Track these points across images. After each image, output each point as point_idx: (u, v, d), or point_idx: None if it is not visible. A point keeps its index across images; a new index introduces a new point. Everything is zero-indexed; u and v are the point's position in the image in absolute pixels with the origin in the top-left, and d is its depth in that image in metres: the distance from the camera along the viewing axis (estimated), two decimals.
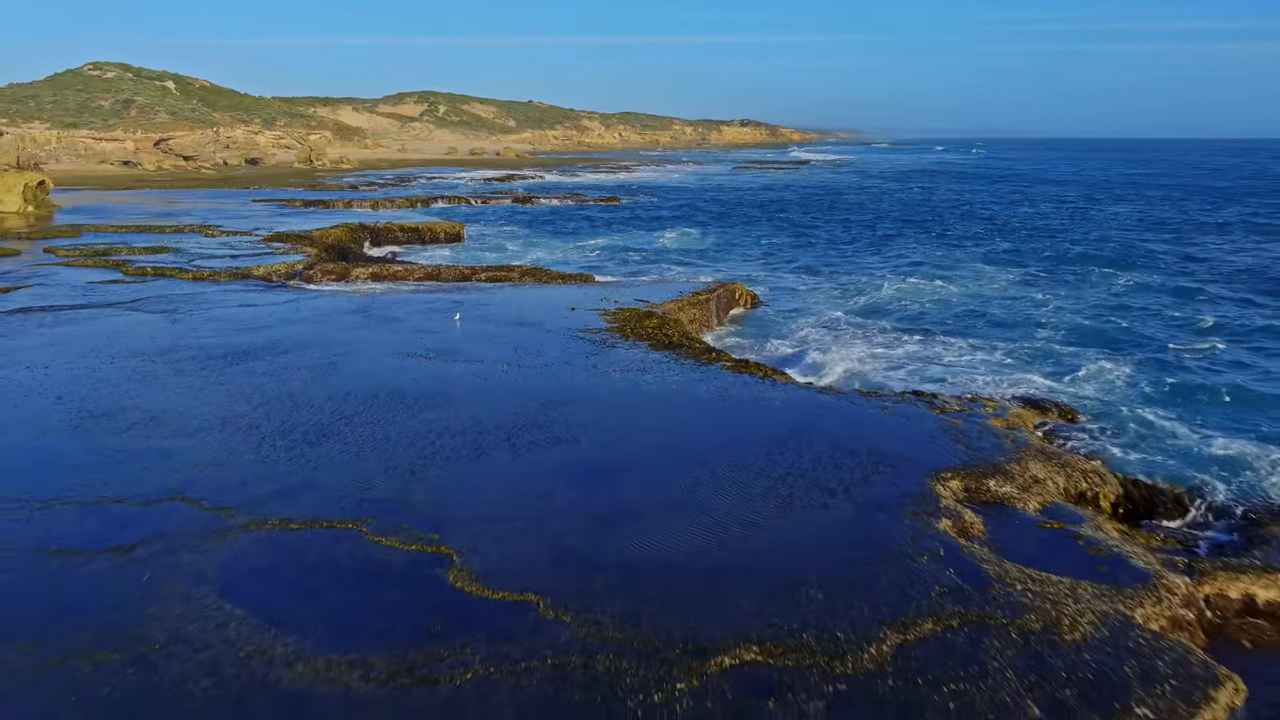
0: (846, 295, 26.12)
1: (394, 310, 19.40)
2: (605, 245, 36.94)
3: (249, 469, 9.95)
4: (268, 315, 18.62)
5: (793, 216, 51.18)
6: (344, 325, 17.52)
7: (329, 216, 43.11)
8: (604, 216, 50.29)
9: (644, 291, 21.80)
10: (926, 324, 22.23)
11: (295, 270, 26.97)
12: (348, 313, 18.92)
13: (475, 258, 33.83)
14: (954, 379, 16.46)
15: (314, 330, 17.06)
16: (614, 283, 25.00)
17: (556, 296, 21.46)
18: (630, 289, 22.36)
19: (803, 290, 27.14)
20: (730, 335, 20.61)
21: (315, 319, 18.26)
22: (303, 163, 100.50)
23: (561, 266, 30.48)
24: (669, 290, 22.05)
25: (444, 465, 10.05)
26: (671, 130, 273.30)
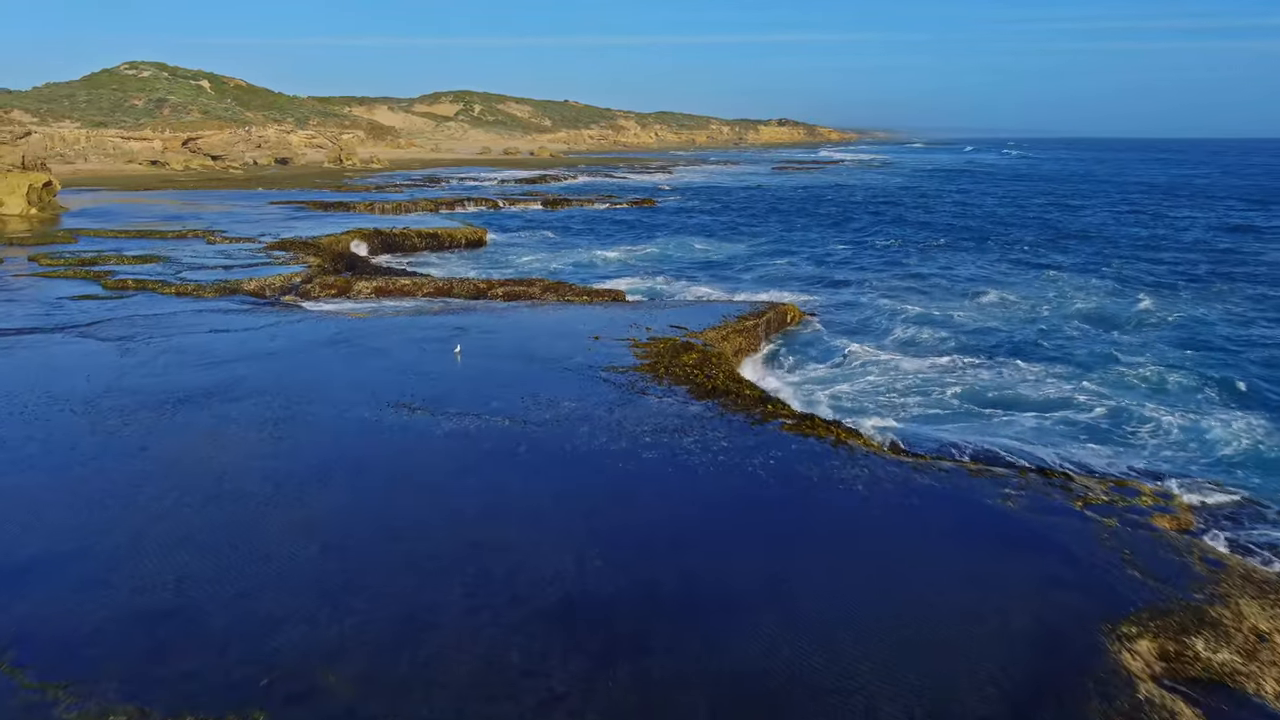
0: (910, 313, 22.80)
1: (387, 339, 16.45)
2: (638, 254, 33.84)
3: (103, 622, 6.96)
4: (236, 345, 15.75)
5: (839, 221, 47.72)
6: (320, 360, 14.58)
7: (345, 221, 40.47)
8: (638, 221, 47.23)
9: (681, 315, 18.64)
10: (1008, 349, 18.89)
11: (291, 284, 24.21)
12: (331, 342, 16.00)
13: (495, 267, 30.95)
14: (1064, 433, 13.15)
15: (282, 368, 14.15)
16: (646, 302, 21.90)
17: (579, 320, 18.38)
18: (664, 311, 19.21)
19: (860, 305, 23.87)
20: (781, 363, 17.41)
21: (290, 351, 15.35)
22: (332, 162, 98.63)
23: (588, 278, 27.45)
24: (709, 313, 18.87)
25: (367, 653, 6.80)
26: (708, 130, 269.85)
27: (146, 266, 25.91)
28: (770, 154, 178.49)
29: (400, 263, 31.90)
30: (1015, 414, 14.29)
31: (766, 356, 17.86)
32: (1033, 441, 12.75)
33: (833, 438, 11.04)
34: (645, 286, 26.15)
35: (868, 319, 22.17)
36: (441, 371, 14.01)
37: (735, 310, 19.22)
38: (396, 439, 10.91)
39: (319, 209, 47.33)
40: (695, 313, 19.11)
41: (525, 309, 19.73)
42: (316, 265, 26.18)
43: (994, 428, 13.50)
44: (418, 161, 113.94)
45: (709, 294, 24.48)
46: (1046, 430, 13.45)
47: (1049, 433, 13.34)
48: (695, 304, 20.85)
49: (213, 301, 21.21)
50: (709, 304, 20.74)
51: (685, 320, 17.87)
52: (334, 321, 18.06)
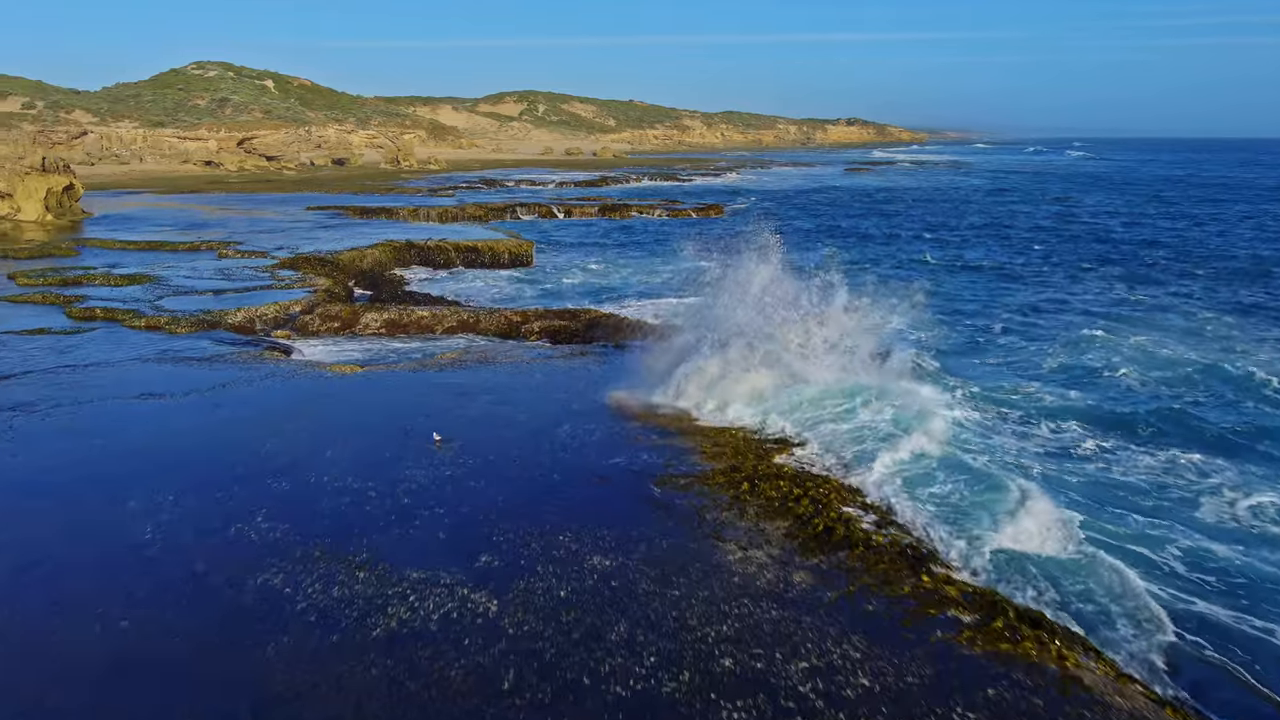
0: (1054, 360, 17.67)
1: (366, 412, 12.09)
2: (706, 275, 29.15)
3: None
4: (154, 424, 11.54)
5: (931, 231, 42.28)
6: (243, 466, 10.18)
7: (380, 230, 36.61)
8: (705, 231, 42.48)
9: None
10: (1205, 431, 13.71)
11: (288, 314, 20.14)
12: (283, 421, 11.65)
13: (538, 287, 26.55)
14: None
15: (181, 483, 9.80)
16: None
17: None
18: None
19: (995, 348, 18.81)
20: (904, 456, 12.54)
21: (211, 440, 11.02)
22: (389, 163, 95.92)
23: (644, 305, 22.87)
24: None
25: None
26: (775, 129, 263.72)
27: (128, 289, 22.12)
28: (841, 154, 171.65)
29: (435, 278, 27.74)
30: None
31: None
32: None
33: (1054, 668, 6.26)
34: None
35: (1007, 371, 17.14)
36: (412, 482, 9.54)
37: (841, 383, 14.48)
38: (308, 648, 6.47)
39: (357, 215, 43.68)
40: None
41: (560, 361, 15.18)
42: (324, 289, 22.08)
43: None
44: (477, 162, 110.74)
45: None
46: None
47: None
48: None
49: (182, 340, 17.19)
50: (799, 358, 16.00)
51: (770, 393, 13.14)
52: (309, 379, 13.75)
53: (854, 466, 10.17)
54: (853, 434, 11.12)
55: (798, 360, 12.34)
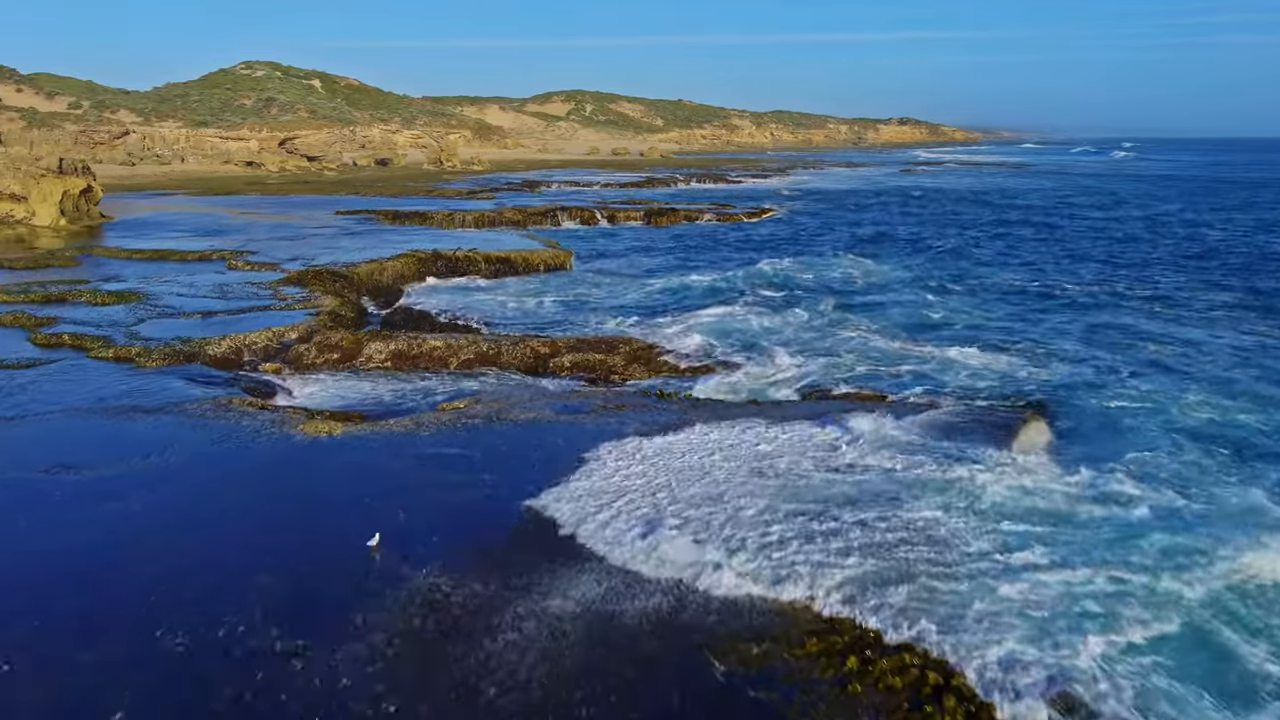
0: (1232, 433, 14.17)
1: (318, 514, 9.19)
2: (759, 285, 25.88)
3: None
4: (10, 532, 8.74)
5: (1018, 244, 38.45)
6: (95, 609, 7.30)
7: (409, 238, 33.99)
8: (757, 236, 39.24)
9: (877, 451, 10.79)
10: None
11: (281, 343, 17.41)
12: (188, 525, 8.80)
13: (573, 305, 23.49)
14: None
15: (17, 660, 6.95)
16: (792, 402, 14.11)
17: (681, 456, 10.77)
18: (853, 446, 11.33)
19: (1144, 396, 15.30)
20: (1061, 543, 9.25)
21: (63, 573, 8.16)
22: (432, 164, 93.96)
23: (691, 326, 19.73)
24: (915, 434, 11.03)
25: None
26: (826, 129, 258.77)
27: (111, 310, 19.59)
28: (893, 155, 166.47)
29: (462, 290, 24.89)
30: None
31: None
32: None
33: None
34: (776, 345, 18.20)
35: (1162, 430, 13.67)
36: (356, 648, 6.57)
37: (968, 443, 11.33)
38: None
39: (388, 221, 41.16)
40: (896, 432, 11.25)
41: (589, 420, 12.11)
42: (328, 311, 19.33)
43: None
44: (521, 163, 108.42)
45: (896, 376, 16.34)
46: None
47: None
48: (871, 405, 12.82)
49: (147, 378, 14.53)
50: (910, 408, 12.71)
51: (892, 469, 10.01)
52: (271, 446, 10.89)
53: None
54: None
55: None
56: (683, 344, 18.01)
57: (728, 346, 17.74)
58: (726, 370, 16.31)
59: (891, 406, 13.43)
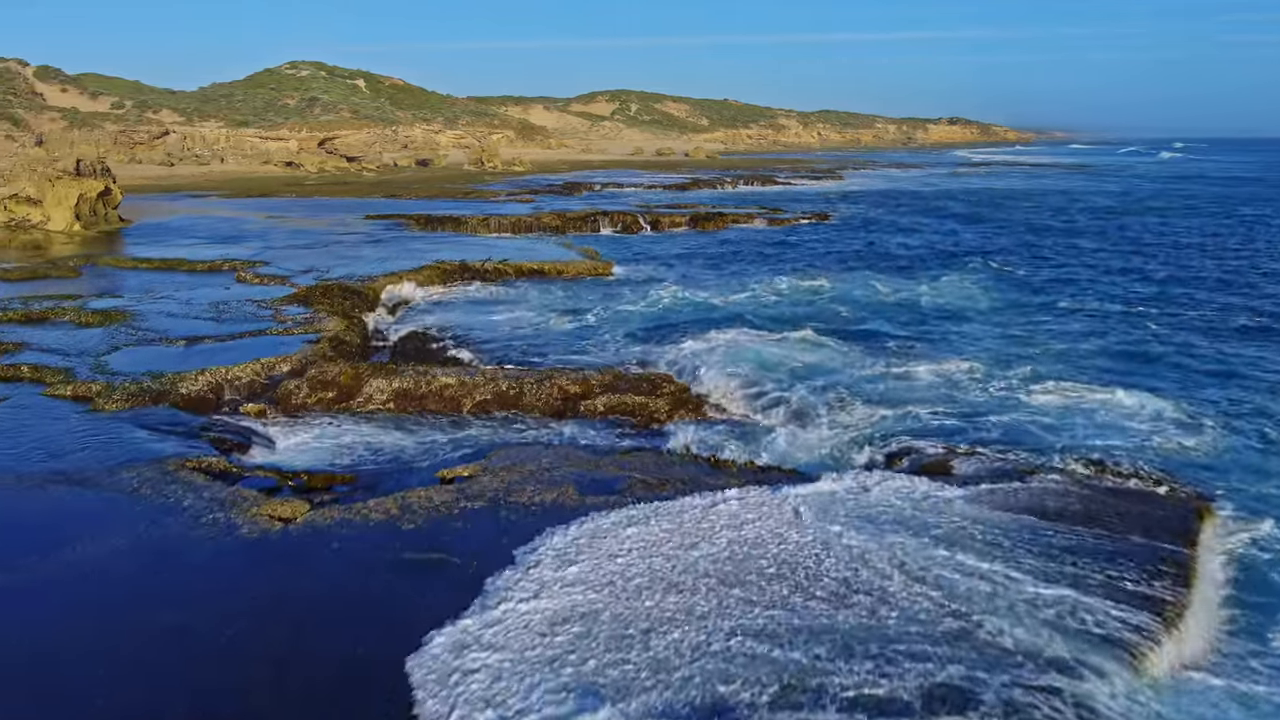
0: None
1: (221, 700, 6.63)
2: (818, 304, 22.98)
3: None
4: None
5: (1114, 255, 34.94)
6: None
7: (438, 245, 31.65)
8: (813, 244, 36.27)
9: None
10: None
11: (270, 377, 14.97)
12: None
13: (613, 320, 20.72)
14: None
15: None
16: (879, 469, 11.27)
17: (739, 551, 8.06)
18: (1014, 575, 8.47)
19: None
20: None
21: None
22: (473, 164, 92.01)
23: (743, 353, 16.95)
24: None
25: None
26: (874, 129, 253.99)
27: (88, 333, 17.35)
28: (945, 155, 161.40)
29: (487, 303, 22.33)
30: None
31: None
32: None
33: None
34: (855, 381, 15.36)
35: None
36: None
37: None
38: None
39: (419, 226, 38.91)
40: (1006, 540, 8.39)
41: (622, 506, 9.41)
42: (330, 337, 16.87)
43: None
44: (564, 163, 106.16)
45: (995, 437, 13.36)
46: None
47: None
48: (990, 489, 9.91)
49: (98, 425, 12.16)
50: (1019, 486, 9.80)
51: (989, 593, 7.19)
52: (207, 544, 8.33)
53: None
54: None
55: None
56: (731, 383, 15.24)
57: (786, 386, 14.91)
58: (788, 421, 13.51)
59: (996, 470, 10.55)
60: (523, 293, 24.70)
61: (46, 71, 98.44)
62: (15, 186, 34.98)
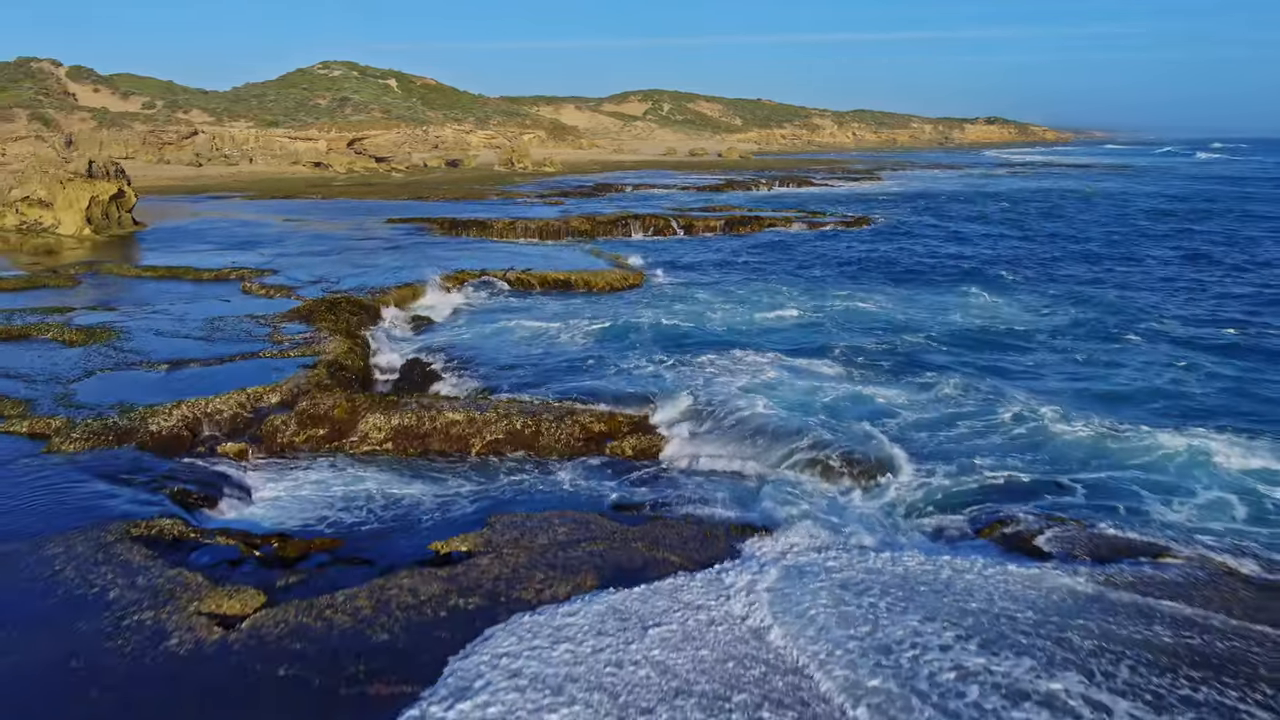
0: None
1: None
2: (863, 325, 20.94)
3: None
4: None
5: (1191, 260, 32.48)
6: None
7: (458, 253, 29.97)
8: (856, 251, 34.15)
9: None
10: None
11: (257, 409, 13.25)
12: None
13: (642, 340, 18.88)
14: None
15: None
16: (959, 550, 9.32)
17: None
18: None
19: None
20: None
21: None
22: (503, 165, 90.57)
23: (780, 388, 14.99)
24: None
25: None
26: (910, 129, 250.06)
27: (67, 354, 15.76)
28: (985, 155, 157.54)
29: (503, 313, 20.55)
30: None
31: None
32: None
33: None
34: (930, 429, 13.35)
35: None
36: None
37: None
38: None
39: (443, 230, 37.29)
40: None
41: (660, 605, 7.53)
42: (327, 361, 15.12)
43: None
44: (595, 164, 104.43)
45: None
46: None
47: None
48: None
49: (48, 472, 10.50)
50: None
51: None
52: (122, 661, 6.55)
53: None
54: None
55: None
56: (765, 422, 13.24)
57: (830, 430, 12.90)
58: (841, 477, 11.48)
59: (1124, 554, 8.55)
60: (546, 306, 22.87)
61: (79, 72, 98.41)
62: (27, 189, 33.81)
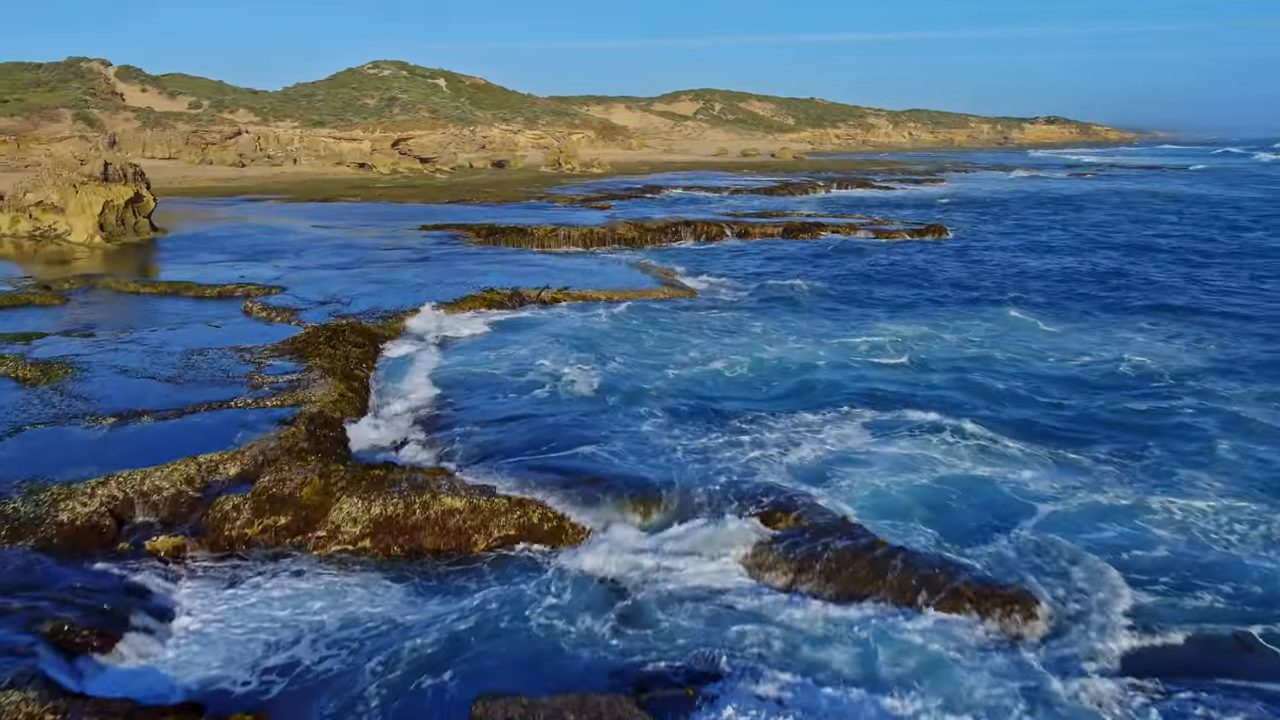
0: None
1: None
2: (973, 361, 17.52)
3: None
4: None
5: None
6: None
7: (490, 266, 27.14)
8: (938, 268, 30.59)
9: None
10: None
11: (207, 486, 10.39)
12: None
13: (694, 382, 15.73)
14: None
15: None
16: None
17: None
18: None
19: None
20: None
21: None
22: (550, 166, 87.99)
23: (877, 472, 11.78)
24: None
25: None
26: (968, 128, 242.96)
27: (9, 397, 13.15)
28: (1049, 156, 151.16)
29: (529, 353, 17.56)
30: None
31: None
32: None
33: None
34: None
35: None
36: None
37: None
38: None
39: (478, 239, 34.49)
40: None
41: None
42: (310, 415, 12.23)
43: None
44: (645, 165, 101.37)
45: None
46: None
47: None
48: None
49: None
50: None
51: None
52: None
53: None
54: None
55: None
56: (859, 546, 9.97)
57: (971, 555, 9.61)
58: (1004, 638, 8.23)
59: None
60: (578, 333, 19.82)
61: (128, 71, 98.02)
62: (40, 192, 31.76)
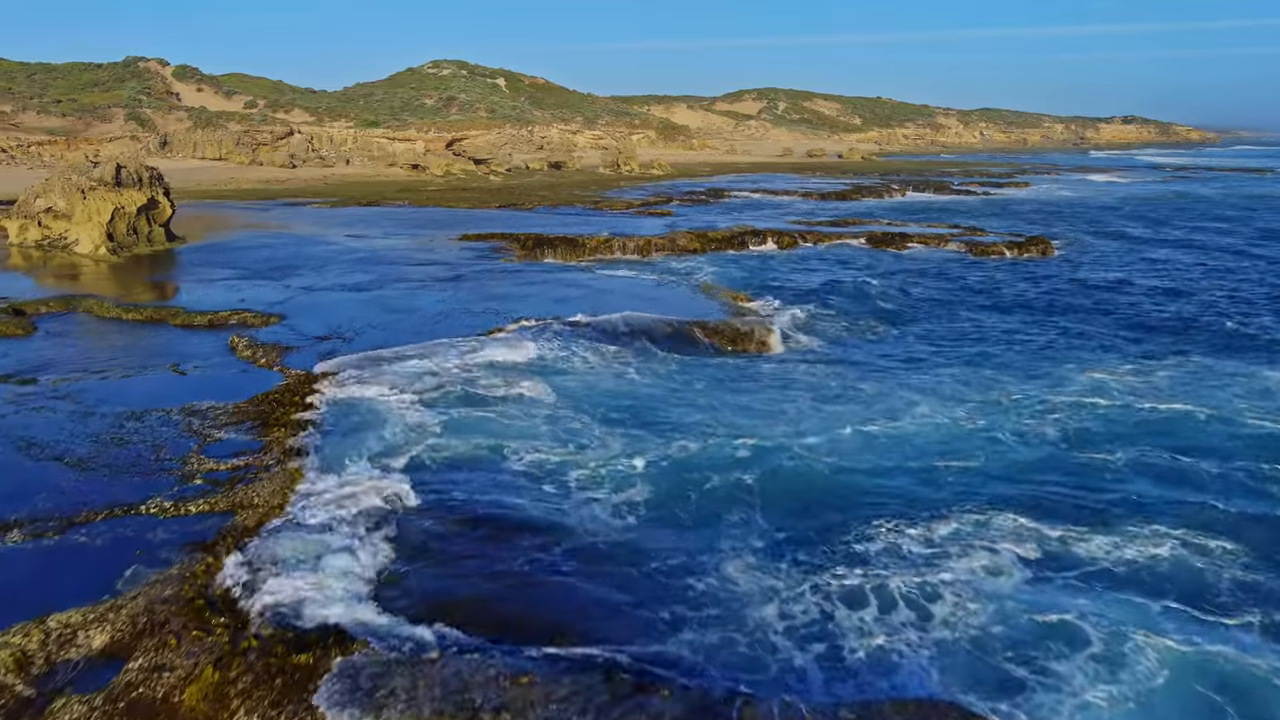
0: None
1: None
2: (1156, 437, 13.23)
3: None
4: None
5: None
6: None
7: (529, 286, 23.51)
8: (1058, 294, 26.07)
9: None
10: None
11: (52, 667, 6.79)
12: None
13: (780, 498, 11.64)
14: None
15: None
16: None
17: None
18: None
19: None
20: None
21: None
22: (608, 168, 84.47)
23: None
24: None
25: None
26: (1041, 128, 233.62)
27: None
28: (1129, 157, 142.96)
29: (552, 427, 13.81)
30: None
31: None
32: None
33: None
34: None
35: None
36: None
37: None
38: None
39: (523, 252, 30.86)
40: None
41: None
42: (245, 525, 8.70)
43: None
44: (708, 166, 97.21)
45: None
46: None
47: None
48: None
49: None
50: None
51: None
52: None
53: None
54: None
55: None
56: None
57: None
58: None
59: None
60: (619, 387, 15.92)
61: (184, 71, 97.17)
62: (49, 198, 29.10)
